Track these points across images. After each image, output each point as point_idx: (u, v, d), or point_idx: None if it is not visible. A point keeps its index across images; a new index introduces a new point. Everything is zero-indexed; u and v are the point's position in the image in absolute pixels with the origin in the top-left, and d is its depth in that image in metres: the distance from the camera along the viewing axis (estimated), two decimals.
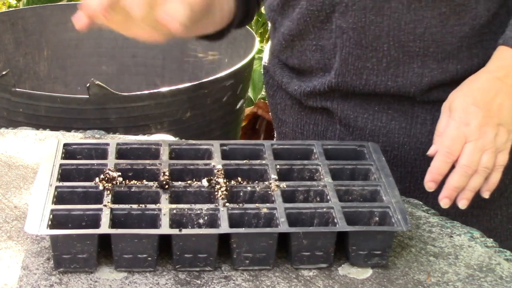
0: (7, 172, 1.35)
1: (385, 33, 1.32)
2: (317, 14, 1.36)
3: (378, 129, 1.41)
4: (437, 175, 1.22)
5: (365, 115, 1.41)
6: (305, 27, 1.39)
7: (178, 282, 1.10)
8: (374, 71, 1.36)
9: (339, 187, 1.22)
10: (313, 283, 1.11)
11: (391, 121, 1.40)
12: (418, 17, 1.30)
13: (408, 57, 1.34)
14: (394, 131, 1.40)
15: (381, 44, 1.33)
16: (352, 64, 1.36)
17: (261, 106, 2.83)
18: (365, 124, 1.41)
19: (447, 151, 1.22)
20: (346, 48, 1.35)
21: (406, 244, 1.21)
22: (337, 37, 1.35)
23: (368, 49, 1.34)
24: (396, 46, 1.33)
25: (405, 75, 1.35)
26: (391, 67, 1.35)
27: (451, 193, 1.22)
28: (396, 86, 1.36)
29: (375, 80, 1.36)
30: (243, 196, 1.20)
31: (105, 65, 2.63)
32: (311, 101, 1.45)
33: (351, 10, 1.32)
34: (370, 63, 1.35)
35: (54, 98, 2.01)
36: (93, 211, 1.14)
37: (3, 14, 2.56)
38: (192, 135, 2.03)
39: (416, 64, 1.34)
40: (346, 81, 1.38)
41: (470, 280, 1.13)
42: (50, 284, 1.08)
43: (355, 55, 1.35)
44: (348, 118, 1.42)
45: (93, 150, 1.29)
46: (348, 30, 1.34)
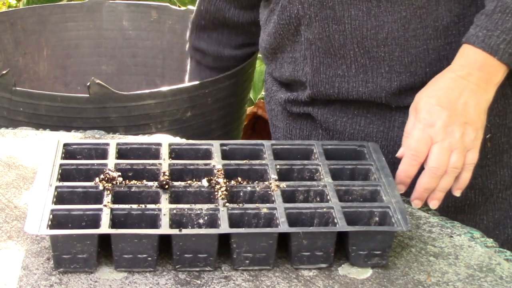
0: (7, 172, 1.35)
1: (349, 41, 1.34)
2: (288, 28, 1.40)
3: (356, 132, 1.43)
4: (404, 178, 1.23)
5: (344, 119, 1.43)
6: (280, 40, 1.43)
7: (178, 282, 1.10)
8: (345, 78, 1.38)
9: (339, 187, 1.22)
10: (313, 283, 1.11)
11: (369, 124, 1.41)
12: (379, 23, 1.32)
13: (375, 62, 1.35)
14: (372, 135, 1.42)
15: (347, 51, 1.35)
16: (324, 73, 1.39)
17: (261, 106, 2.82)
18: (344, 128, 1.43)
19: (413, 154, 1.22)
20: (316, 58, 1.38)
21: (406, 244, 1.21)
22: (306, 48, 1.38)
23: (336, 56, 1.36)
24: (361, 52, 1.35)
25: (374, 80, 1.37)
26: (360, 73, 1.37)
27: (422, 194, 1.23)
28: (367, 92, 1.38)
29: (346, 88, 1.38)
30: (243, 196, 1.20)
31: (105, 65, 2.62)
32: (295, 107, 1.49)
33: (315, 21, 1.35)
34: (341, 70, 1.37)
35: (55, 97, 2.00)
36: (93, 211, 1.14)
37: (2, 14, 2.56)
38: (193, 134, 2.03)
39: (383, 69, 1.36)
40: (320, 91, 1.41)
41: (470, 280, 1.13)
42: (50, 284, 1.08)
43: (326, 64, 1.38)
44: (327, 122, 1.44)
45: (93, 150, 1.29)
46: (315, 41, 1.36)
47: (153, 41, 2.60)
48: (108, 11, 2.65)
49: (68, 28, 2.61)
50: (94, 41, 2.63)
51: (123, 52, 2.65)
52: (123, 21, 2.65)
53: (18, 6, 3.55)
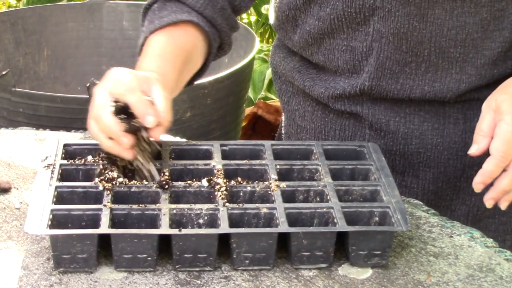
0: (7, 172, 1.35)
1: (427, 39, 1.32)
2: (355, 16, 1.34)
3: (411, 131, 1.40)
4: (488, 178, 1.22)
5: (396, 118, 1.40)
6: (338, 26, 1.36)
7: (178, 282, 1.10)
8: (412, 76, 1.35)
9: (339, 187, 1.22)
10: (313, 283, 1.11)
11: (423, 122, 1.39)
12: (460, 23, 1.30)
13: (448, 62, 1.34)
14: (427, 133, 1.40)
15: (422, 49, 1.33)
16: (389, 68, 1.35)
17: (261, 106, 2.82)
18: (397, 128, 1.40)
19: (502, 156, 1.21)
20: (384, 52, 1.34)
21: (406, 244, 1.21)
22: (374, 40, 1.34)
23: (408, 54, 1.34)
24: (437, 52, 1.33)
25: (442, 80, 1.35)
26: (430, 71, 1.34)
27: (499, 195, 1.23)
28: (432, 91, 1.36)
29: (411, 85, 1.36)
30: (243, 196, 1.20)
31: (105, 65, 2.62)
32: (338, 104, 1.43)
33: (394, 16, 1.31)
34: (409, 67, 1.35)
35: (54, 98, 2.01)
36: (93, 211, 1.14)
37: (3, 14, 2.56)
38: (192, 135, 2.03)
39: (454, 70, 1.34)
40: (381, 85, 1.37)
41: (470, 280, 1.13)
42: (50, 284, 1.08)
43: (393, 59, 1.34)
44: (379, 122, 1.40)
45: (93, 151, 1.29)
46: (388, 35, 1.33)
47: None
48: (108, 11, 2.65)
49: (68, 28, 2.61)
50: (94, 41, 2.64)
51: (123, 52, 2.65)
52: (123, 21, 2.65)
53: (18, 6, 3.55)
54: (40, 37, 2.57)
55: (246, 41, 2.44)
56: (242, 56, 2.37)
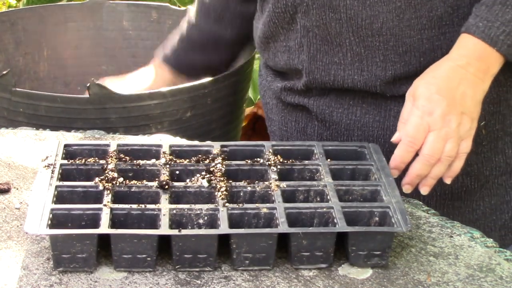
0: (7, 172, 1.35)
1: (345, 29, 1.35)
2: (283, 16, 1.39)
3: (353, 123, 1.43)
4: (400, 163, 1.25)
5: (340, 109, 1.43)
6: (274, 29, 1.42)
7: (178, 282, 1.10)
8: (341, 66, 1.38)
9: (339, 187, 1.22)
10: (313, 283, 1.11)
11: (365, 114, 1.42)
12: (374, 13, 1.32)
13: (370, 51, 1.36)
14: (369, 125, 1.42)
15: (343, 39, 1.36)
16: (320, 60, 1.39)
17: (261, 106, 2.82)
18: (340, 119, 1.44)
19: (410, 140, 1.24)
20: (313, 45, 1.38)
21: (406, 244, 1.21)
22: (302, 36, 1.38)
23: (333, 44, 1.37)
24: (357, 41, 1.35)
25: (369, 69, 1.37)
26: (356, 61, 1.37)
27: (413, 180, 1.25)
28: (362, 80, 1.38)
29: (342, 75, 1.39)
30: (243, 196, 1.20)
31: (105, 65, 2.62)
32: (290, 97, 1.48)
33: (312, 9, 1.35)
34: (337, 57, 1.38)
35: (55, 98, 2.00)
36: (93, 210, 1.14)
37: (3, 14, 2.56)
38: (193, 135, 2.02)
39: (378, 58, 1.36)
40: (316, 78, 1.41)
41: (470, 280, 1.13)
42: (50, 284, 1.08)
43: (322, 51, 1.38)
44: (324, 113, 1.45)
45: (93, 151, 1.29)
46: (313, 28, 1.36)
47: (153, 41, 2.60)
48: (108, 11, 2.65)
49: (68, 28, 2.61)
50: (94, 41, 2.63)
51: (123, 52, 2.65)
52: (123, 21, 2.65)
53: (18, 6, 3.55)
54: (40, 37, 2.56)
55: None
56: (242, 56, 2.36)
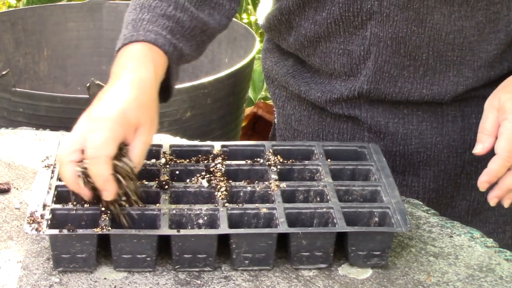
0: (7, 172, 1.35)
1: (425, 43, 1.32)
2: (352, 20, 1.33)
3: (410, 132, 1.40)
4: (494, 178, 1.23)
5: (395, 119, 1.40)
6: (335, 30, 1.36)
7: (178, 282, 1.10)
8: (410, 79, 1.35)
9: (339, 187, 1.22)
10: (313, 283, 1.11)
11: (421, 122, 1.40)
12: (458, 27, 1.31)
13: (445, 65, 1.34)
14: (426, 132, 1.40)
15: (420, 53, 1.33)
16: (387, 72, 1.35)
17: (261, 106, 2.82)
18: (396, 129, 1.40)
19: (508, 155, 1.21)
20: (382, 56, 1.34)
21: (406, 244, 1.21)
22: (371, 44, 1.34)
23: (406, 58, 1.34)
24: (434, 56, 1.33)
25: (440, 83, 1.35)
26: (428, 75, 1.35)
27: (503, 194, 1.23)
28: (430, 94, 1.36)
29: (409, 88, 1.36)
30: (243, 196, 1.20)
31: (105, 65, 2.62)
32: (336, 108, 1.42)
33: (392, 21, 1.31)
34: (407, 71, 1.35)
35: (55, 98, 2.01)
36: (92, 211, 1.14)
37: (3, 14, 2.56)
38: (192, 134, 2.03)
39: (451, 72, 1.35)
40: (379, 88, 1.36)
41: (470, 280, 1.13)
42: (50, 284, 1.08)
43: (392, 63, 1.34)
44: (378, 124, 1.40)
45: None
46: (386, 39, 1.32)
47: None
48: (108, 11, 2.65)
49: (68, 28, 2.61)
50: (94, 41, 2.64)
51: None
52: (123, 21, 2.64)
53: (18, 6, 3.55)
54: (40, 37, 2.57)
55: (246, 41, 2.44)
56: (242, 56, 2.37)
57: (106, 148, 1.09)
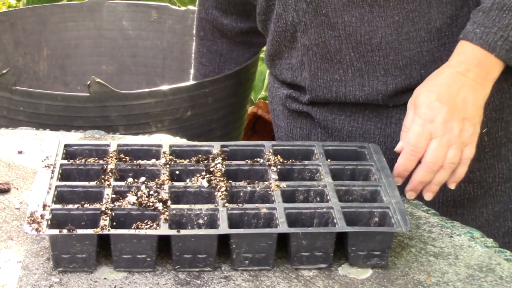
0: (7, 172, 1.35)
1: (345, 46, 1.36)
2: (284, 35, 1.41)
3: (355, 130, 1.44)
4: (403, 171, 1.25)
5: (342, 117, 1.44)
6: (277, 47, 1.44)
7: (178, 282, 1.10)
8: (342, 82, 1.39)
9: (339, 187, 1.22)
10: (313, 283, 1.11)
11: (367, 122, 1.43)
12: (373, 28, 1.33)
13: (371, 66, 1.37)
14: (370, 132, 1.43)
15: (343, 56, 1.37)
16: (322, 78, 1.40)
17: (261, 106, 2.82)
18: (342, 126, 1.44)
19: (412, 149, 1.24)
20: (314, 63, 1.39)
21: (406, 244, 1.21)
22: (303, 54, 1.40)
23: (333, 61, 1.38)
24: (357, 57, 1.36)
25: (370, 84, 1.38)
26: (357, 77, 1.38)
27: (416, 186, 1.26)
28: (363, 95, 1.39)
29: (344, 92, 1.40)
30: (243, 196, 1.20)
31: (105, 65, 2.62)
32: (294, 104, 1.50)
33: (310, 28, 1.36)
34: (338, 74, 1.39)
35: (55, 96, 2.00)
36: (93, 211, 1.14)
37: (2, 14, 2.56)
38: (193, 134, 2.02)
39: (379, 72, 1.37)
40: (319, 95, 1.42)
41: (470, 280, 1.13)
42: (50, 284, 1.08)
43: (323, 69, 1.39)
44: (326, 120, 1.46)
45: (93, 151, 1.29)
46: (312, 47, 1.38)
47: (153, 41, 2.60)
48: (108, 11, 2.65)
49: (68, 28, 2.61)
50: (94, 41, 2.63)
51: (123, 52, 2.65)
52: (123, 21, 2.65)
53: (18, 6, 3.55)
54: (40, 37, 2.56)
55: None
56: None
57: None
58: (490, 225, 1.46)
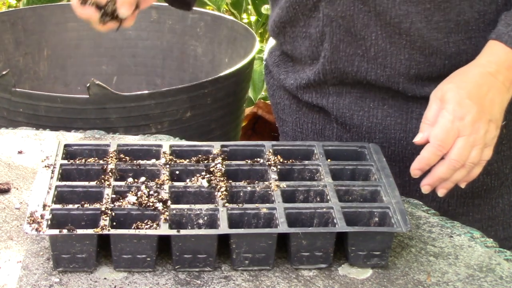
0: (7, 172, 1.35)
1: (373, 23, 1.33)
2: (305, 2, 1.37)
3: (374, 125, 1.42)
4: (425, 165, 1.24)
5: (360, 112, 1.42)
6: (294, 14, 1.40)
7: (178, 282, 1.10)
8: (365, 58, 1.37)
9: (339, 187, 1.22)
10: (313, 283, 1.11)
11: (386, 117, 1.41)
12: (404, 12, 1.31)
13: (395, 48, 1.35)
14: (390, 127, 1.41)
15: (369, 33, 1.34)
16: (343, 51, 1.37)
17: (261, 106, 2.82)
18: (361, 122, 1.42)
19: (440, 144, 1.23)
20: (337, 35, 1.36)
21: (406, 244, 1.21)
22: (325, 25, 1.36)
23: (357, 36, 1.35)
24: (383, 37, 1.34)
25: (392, 66, 1.36)
26: (379, 56, 1.36)
27: (435, 182, 1.25)
28: (385, 75, 1.37)
29: (366, 67, 1.37)
30: (243, 196, 1.20)
31: (105, 65, 2.63)
32: (306, 96, 1.46)
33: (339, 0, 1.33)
34: (360, 50, 1.36)
35: (54, 98, 2.01)
36: (93, 211, 1.14)
37: (3, 14, 2.56)
38: (192, 135, 2.03)
39: (403, 56, 1.35)
40: (339, 68, 1.39)
41: (470, 280, 1.13)
42: (50, 284, 1.08)
43: (346, 42, 1.36)
44: (344, 116, 1.43)
45: (93, 151, 1.29)
46: (337, 18, 1.35)
47: (153, 41, 2.60)
48: None
49: (68, 28, 2.61)
50: (94, 41, 2.63)
51: (123, 52, 2.65)
52: None
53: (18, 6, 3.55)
54: (40, 37, 2.57)
55: (246, 41, 2.44)
56: (242, 56, 2.37)
57: None
58: (506, 215, 1.47)
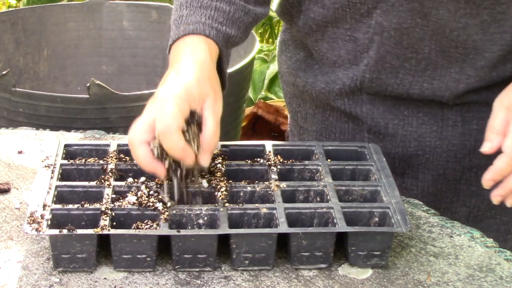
0: (7, 172, 1.35)
1: (428, 37, 1.31)
2: (359, 7, 1.33)
3: (409, 134, 1.40)
4: (499, 176, 1.22)
5: (395, 121, 1.40)
6: (342, 16, 1.35)
7: (178, 282, 1.10)
8: (411, 72, 1.35)
9: (339, 187, 1.22)
10: (313, 283, 1.11)
11: (421, 125, 1.39)
12: (462, 25, 1.30)
13: (447, 61, 1.33)
14: (426, 135, 1.39)
15: (422, 46, 1.32)
16: (389, 62, 1.34)
17: (261, 106, 2.83)
18: (396, 130, 1.40)
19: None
20: (385, 46, 1.33)
21: (406, 244, 1.21)
22: (375, 33, 1.33)
23: (408, 50, 1.33)
24: (437, 50, 1.32)
25: (441, 79, 1.34)
26: (429, 69, 1.34)
27: (507, 193, 1.22)
28: (431, 89, 1.35)
29: (410, 80, 1.35)
30: (243, 196, 1.20)
31: (105, 65, 2.63)
32: (339, 102, 1.42)
33: (397, 11, 1.30)
34: (408, 63, 1.34)
35: (54, 98, 2.01)
36: (93, 211, 1.14)
37: (3, 14, 2.56)
38: None
39: (454, 69, 1.34)
40: (381, 78, 1.36)
41: (470, 280, 1.13)
42: (50, 284, 1.08)
43: (394, 54, 1.34)
44: (378, 125, 1.40)
45: (93, 151, 1.29)
46: (389, 29, 1.32)
47: (153, 41, 2.60)
48: (108, 11, 2.65)
49: (68, 28, 2.61)
50: (94, 41, 2.64)
51: (123, 52, 2.65)
52: (123, 21, 2.65)
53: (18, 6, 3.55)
54: (40, 37, 2.57)
55: (246, 41, 2.44)
56: (242, 56, 2.37)
57: (174, 120, 1.12)
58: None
